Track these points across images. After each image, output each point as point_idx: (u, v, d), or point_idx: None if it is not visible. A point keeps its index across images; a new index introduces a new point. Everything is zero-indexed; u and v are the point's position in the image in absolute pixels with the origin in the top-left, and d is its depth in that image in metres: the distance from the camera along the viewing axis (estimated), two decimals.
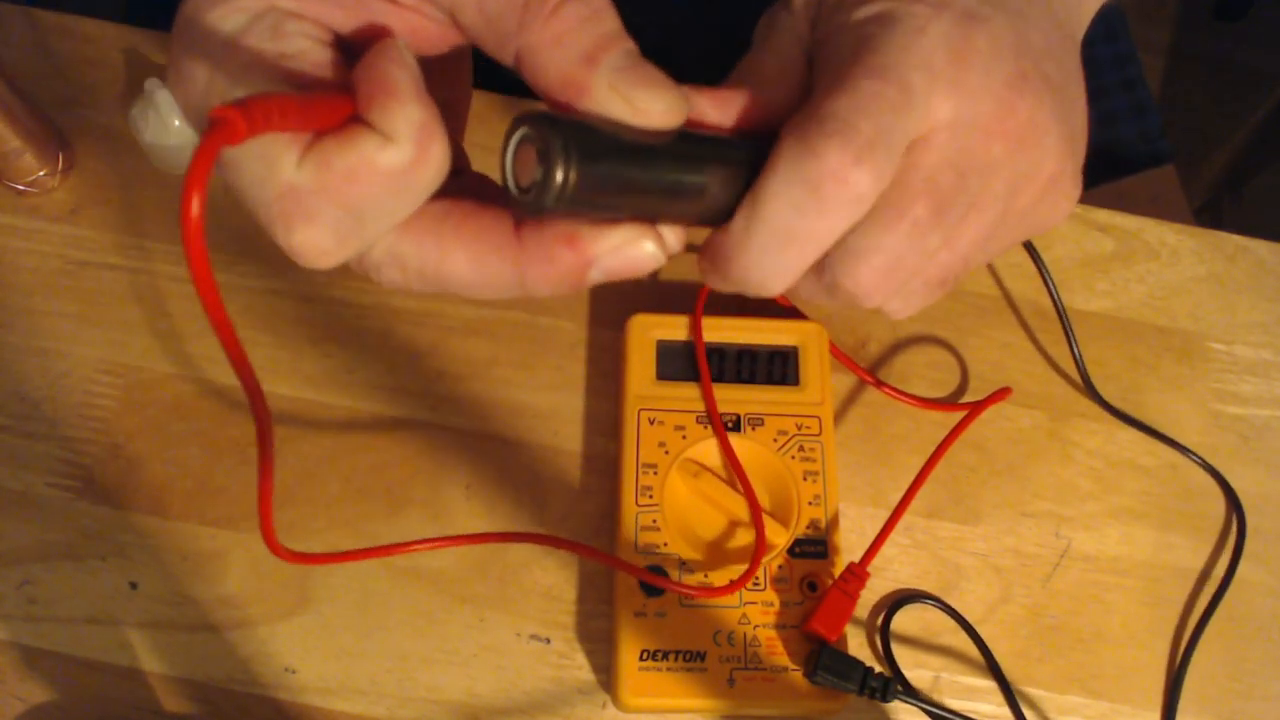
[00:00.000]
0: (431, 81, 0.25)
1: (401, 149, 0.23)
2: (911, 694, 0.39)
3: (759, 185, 0.27)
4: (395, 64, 0.23)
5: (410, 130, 0.23)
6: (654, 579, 0.39)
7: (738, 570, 0.41)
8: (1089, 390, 0.48)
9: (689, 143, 0.27)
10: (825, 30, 0.30)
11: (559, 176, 0.24)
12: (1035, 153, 0.29)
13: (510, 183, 0.26)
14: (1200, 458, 0.47)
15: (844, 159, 0.26)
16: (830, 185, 0.26)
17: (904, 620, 0.43)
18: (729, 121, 0.29)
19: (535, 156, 0.24)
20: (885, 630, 0.43)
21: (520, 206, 0.25)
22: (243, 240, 0.47)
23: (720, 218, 0.28)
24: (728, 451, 0.43)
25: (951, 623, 0.43)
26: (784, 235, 0.27)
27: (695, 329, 0.45)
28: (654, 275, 0.50)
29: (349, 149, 0.23)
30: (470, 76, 0.33)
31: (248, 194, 0.24)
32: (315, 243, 0.24)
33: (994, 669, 0.42)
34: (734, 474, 0.43)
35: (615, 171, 0.25)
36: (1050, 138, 0.29)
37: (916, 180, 0.28)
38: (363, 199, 0.23)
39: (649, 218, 0.27)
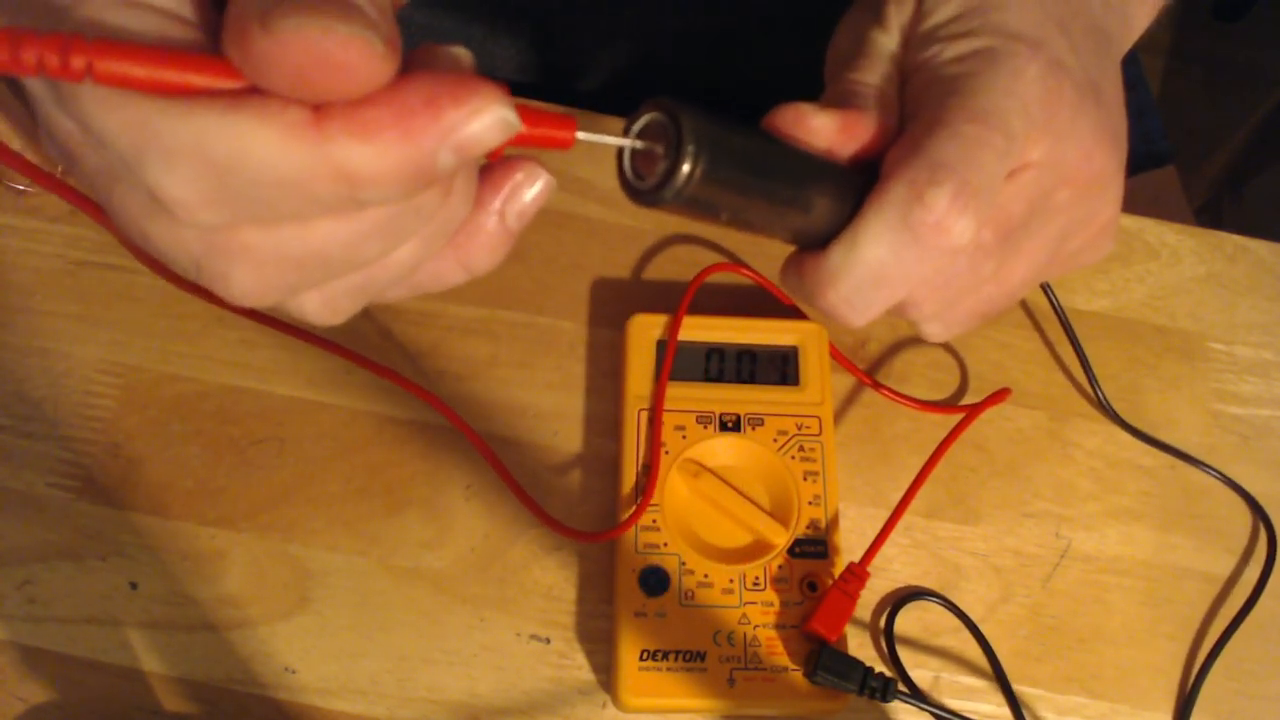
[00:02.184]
0: None
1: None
2: (914, 694, 0.39)
3: (862, 223, 0.27)
4: None
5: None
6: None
7: (738, 570, 0.41)
8: (1102, 405, 0.48)
9: (803, 160, 0.27)
10: (921, 57, 0.30)
11: (686, 171, 0.23)
12: (1097, 202, 0.30)
13: (627, 167, 0.25)
14: (1219, 471, 0.47)
15: (951, 209, 0.26)
16: (933, 235, 0.27)
17: (904, 620, 0.43)
18: (850, 147, 0.29)
19: (662, 147, 0.24)
20: (890, 628, 0.43)
21: (634, 194, 0.25)
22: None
23: (813, 241, 0.28)
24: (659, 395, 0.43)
25: (952, 622, 0.43)
26: (878, 276, 0.27)
27: (673, 327, 0.45)
28: (653, 275, 0.50)
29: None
30: None
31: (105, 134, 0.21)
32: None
33: (995, 667, 0.42)
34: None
35: (738, 177, 0.25)
36: (1111, 190, 0.30)
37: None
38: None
39: (748, 226, 0.26)
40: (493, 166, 0.24)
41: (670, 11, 0.57)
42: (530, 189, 0.25)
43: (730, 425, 0.44)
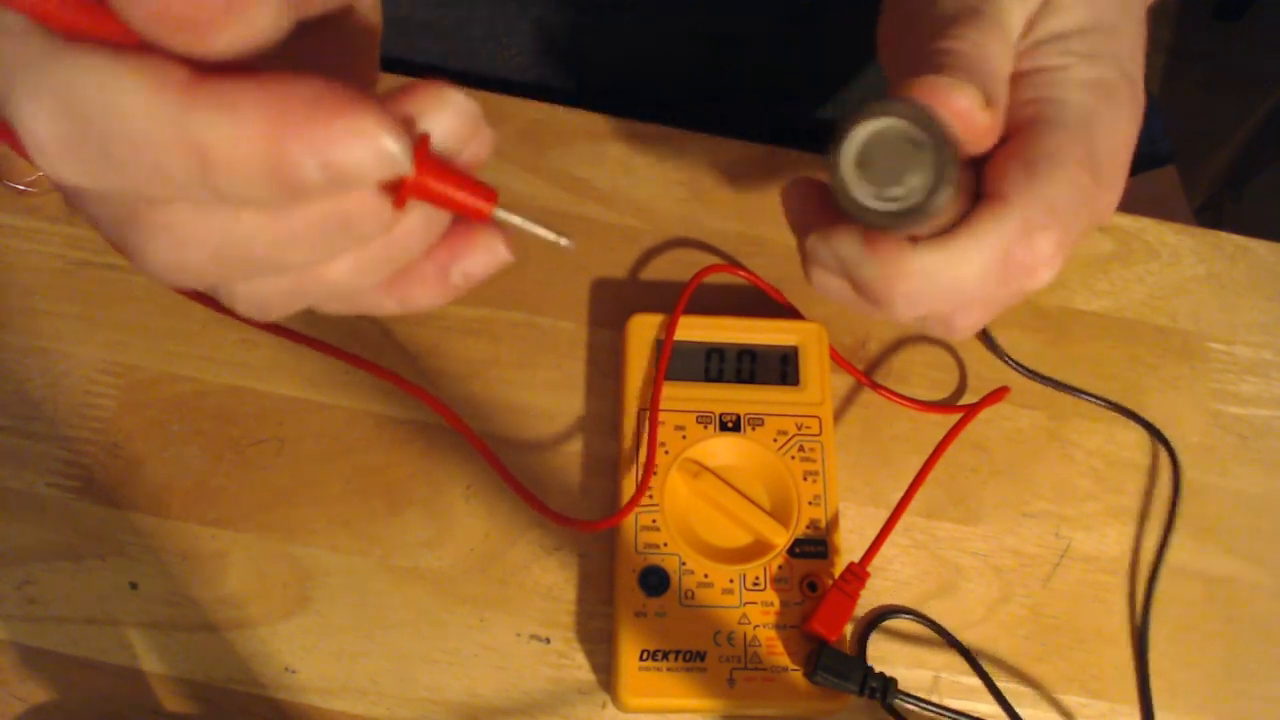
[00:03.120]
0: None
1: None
2: (907, 698, 0.39)
3: (964, 237, 0.27)
4: None
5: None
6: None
7: (738, 570, 0.41)
8: (1002, 356, 0.49)
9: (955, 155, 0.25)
10: (1049, 63, 0.29)
11: (952, 181, 0.22)
12: (1109, 213, 0.31)
13: (848, 180, 0.23)
14: (1107, 400, 0.48)
15: (1051, 259, 0.27)
16: (1023, 275, 0.27)
17: (903, 620, 0.43)
18: (980, 144, 0.28)
19: (920, 162, 0.22)
20: (863, 647, 0.43)
21: (863, 213, 0.22)
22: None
23: (896, 225, 0.27)
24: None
25: (951, 622, 0.43)
26: (953, 290, 0.27)
27: (670, 327, 0.45)
28: (653, 275, 0.50)
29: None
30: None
31: None
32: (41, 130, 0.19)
33: (980, 673, 0.42)
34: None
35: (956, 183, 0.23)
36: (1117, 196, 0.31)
37: None
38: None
39: (900, 229, 0.25)
40: (456, 224, 0.23)
41: (672, 12, 0.57)
42: (483, 256, 0.23)
43: (730, 425, 0.44)
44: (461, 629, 0.42)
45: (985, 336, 0.49)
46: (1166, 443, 0.48)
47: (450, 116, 0.21)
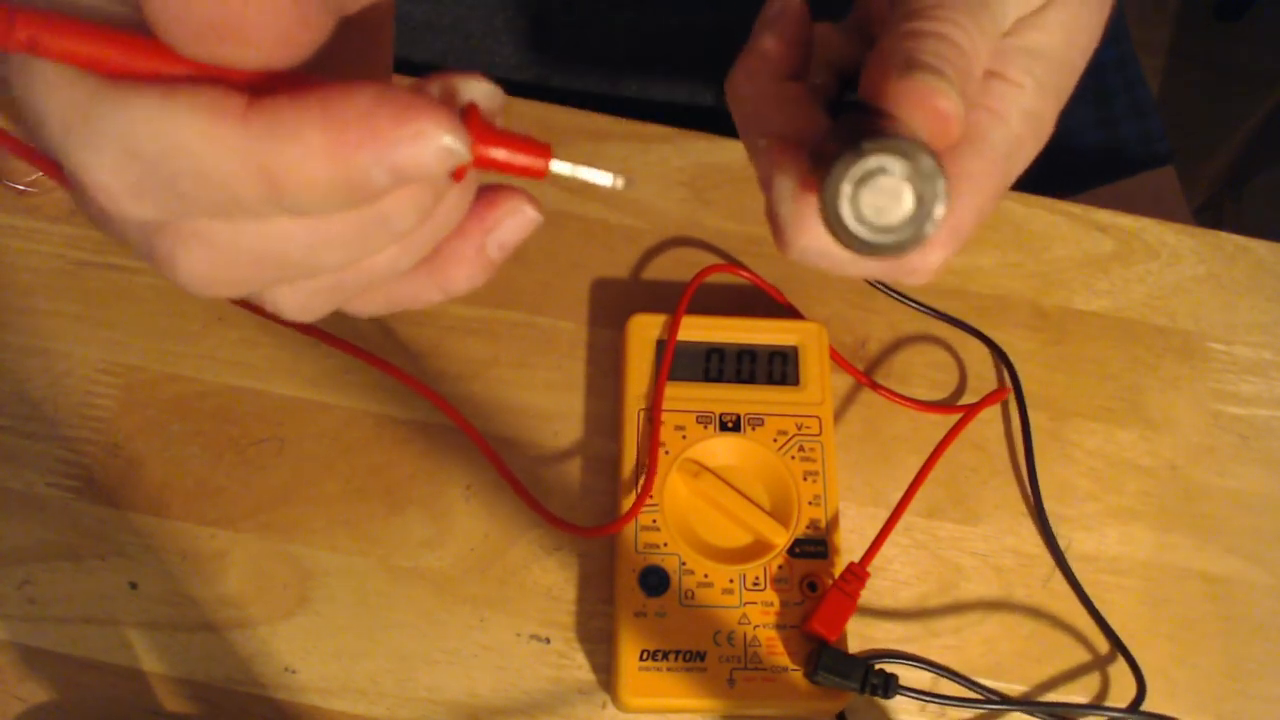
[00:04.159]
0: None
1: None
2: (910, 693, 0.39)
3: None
4: None
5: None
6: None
7: (738, 570, 0.41)
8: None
9: None
10: (1005, 70, 0.29)
11: (936, 221, 0.23)
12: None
13: (848, 215, 0.24)
14: (964, 323, 0.49)
15: (932, 267, 0.28)
16: (903, 273, 0.28)
17: (903, 618, 0.43)
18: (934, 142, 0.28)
19: (908, 192, 0.23)
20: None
21: (857, 246, 0.23)
22: None
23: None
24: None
25: (950, 624, 0.43)
26: (840, 261, 0.28)
27: (673, 327, 0.45)
28: (653, 275, 0.50)
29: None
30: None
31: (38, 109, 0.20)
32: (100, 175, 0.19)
33: (977, 687, 0.42)
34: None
35: None
36: None
37: None
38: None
39: None
40: (480, 192, 0.24)
41: (669, 9, 0.57)
42: (513, 222, 0.24)
43: (730, 425, 0.44)
44: (461, 629, 0.42)
45: (983, 336, 0.49)
46: (1003, 354, 0.49)
47: (481, 100, 0.22)
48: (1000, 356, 0.49)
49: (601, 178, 0.23)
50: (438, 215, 0.22)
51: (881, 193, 0.23)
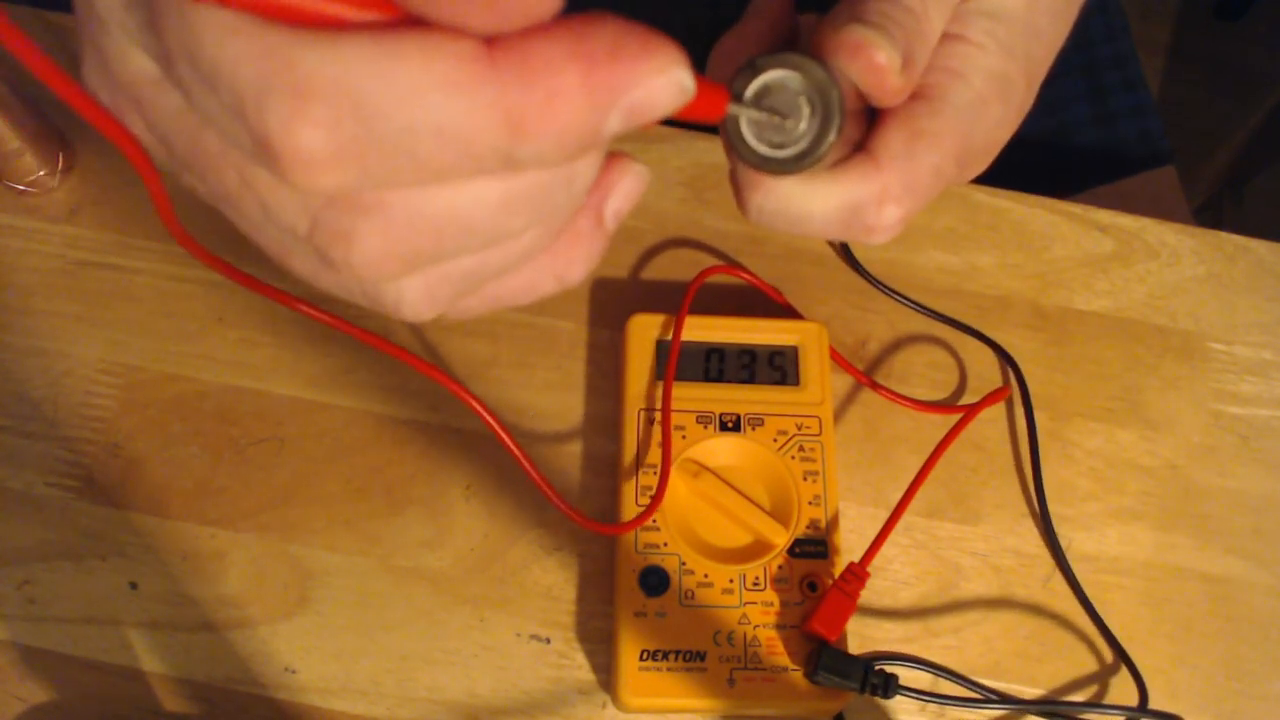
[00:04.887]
0: None
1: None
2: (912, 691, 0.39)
3: (820, 182, 0.27)
4: None
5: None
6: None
7: (738, 570, 0.41)
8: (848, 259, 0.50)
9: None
10: (963, 32, 0.29)
11: (835, 131, 0.23)
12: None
13: (747, 134, 0.24)
14: (965, 325, 0.49)
15: (889, 224, 0.28)
16: (861, 232, 0.28)
17: (901, 619, 0.43)
18: (881, 102, 0.28)
19: (805, 106, 0.23)
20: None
21: (765, 163, 0.23)
22: (243, 241, 0.47)
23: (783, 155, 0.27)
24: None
25: (950, 624, 0.43)
26: (795, 218, 0.28)
27: (676, 329, 0.45)
28: (653, 275, 0.50)
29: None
30: None
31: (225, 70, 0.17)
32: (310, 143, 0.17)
33: (975, 686, 0.42)
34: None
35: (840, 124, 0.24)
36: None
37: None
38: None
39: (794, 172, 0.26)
40: None
41: (671, 7, 0.57)
42: (627, 184, 0.22)
43: (730, 425, 0.44)
44: (461, 629, 0.42)
45: (977, 330, 0.49)
46: (1009, 357, 0.49)
47: (641, 186, 0.22)
48: (1006, 359, 0.49)
49: (759, 114, 0.23)
50: (584, 179, 0.20)
51: (780, 107, 0.24)
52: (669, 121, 0.22)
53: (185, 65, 0.17)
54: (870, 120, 0.29)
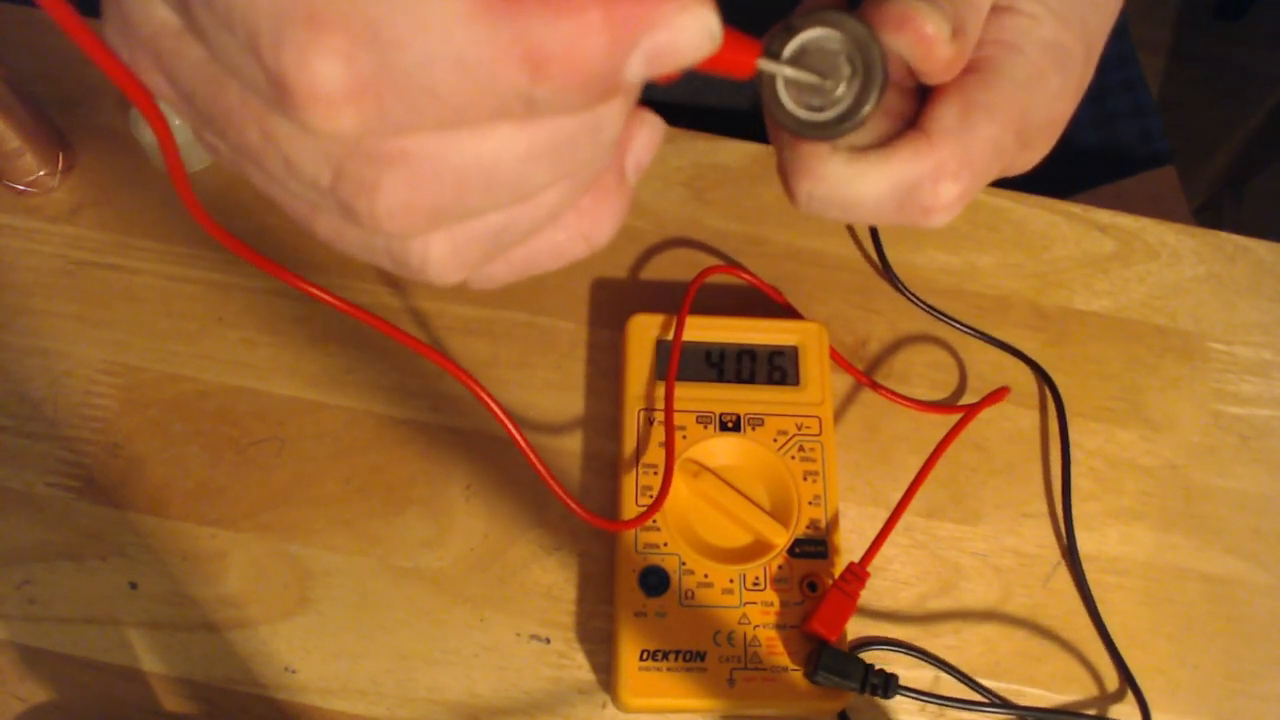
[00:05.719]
0: None
1: None
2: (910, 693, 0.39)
3: (871, 161, 0.26)
4: None
5: None
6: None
7: (738, 570, 0.41)
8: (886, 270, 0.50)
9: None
10: (1016, 3, 0.28)
11: (877, 90, 0.22)
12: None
13: (784, 97, 0.23)
14: (983, 332, 0.49)
15: (947, 202, 0.26)
16: (917, 213, 0.27)
17: (901, 618, 0.43)
18: (931, 78, 0.27)
19: (845, 66, 0.22)
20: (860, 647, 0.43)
21: (795, 125, 0.22)
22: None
23: (829, 131, 0.26)
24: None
25: (950, 624, 0.43)
26: (849, 203, 0.27)
27: (677, 329, 0.45)
28: (653, 275, 0.50)
29: None
30: None
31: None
32: (326, 72, 0.16)
33: (970, 683, 0.42)
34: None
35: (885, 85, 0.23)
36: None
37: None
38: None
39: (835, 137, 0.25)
40: None
41: None
42: (645, 136, 0.21)
43: (730, 425, 0.44)
44: (461, 629, 0.42)
45: (983, 335, 0.49)
46: (1051, 382, 0.49)
47: (659, 137, 0.21)
48: (1039, 373, 0.49)
49: (809, 77, 0.22)
50: (610, 131, 0.20)
51: (819, 68, 0.23)
52: (667, 122, 0.22)
53: (202, 7, 0.17)
54: (921, 100, 0.28)
